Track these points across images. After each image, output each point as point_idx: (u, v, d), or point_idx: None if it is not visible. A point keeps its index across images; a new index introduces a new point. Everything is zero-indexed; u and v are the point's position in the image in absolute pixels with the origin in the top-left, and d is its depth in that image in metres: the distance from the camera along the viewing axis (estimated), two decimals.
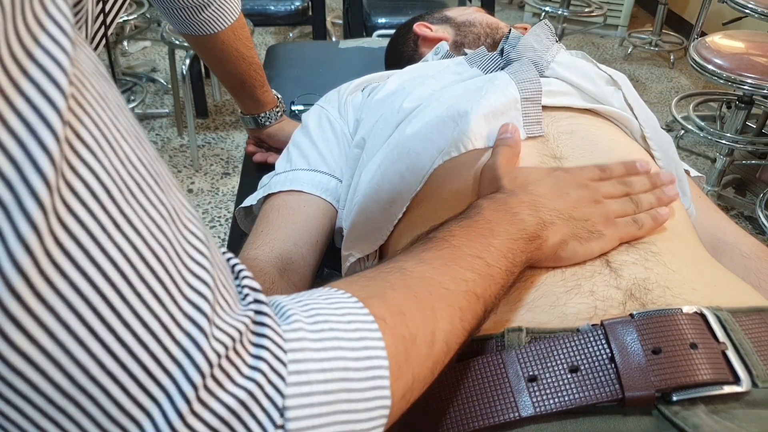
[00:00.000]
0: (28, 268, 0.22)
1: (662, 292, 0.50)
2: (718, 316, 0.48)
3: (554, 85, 0.72)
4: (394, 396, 0.34)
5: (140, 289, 0.26)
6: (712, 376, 0.44)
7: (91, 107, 0.25)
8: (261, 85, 1.00)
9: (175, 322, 0.27)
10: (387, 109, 0.76)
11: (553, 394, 0.44)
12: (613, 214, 0.56)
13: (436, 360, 0.38)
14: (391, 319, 0.35)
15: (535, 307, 0.50)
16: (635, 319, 0.46)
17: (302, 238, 0.74)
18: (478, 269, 0.43)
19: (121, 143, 0.27)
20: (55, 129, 0.23)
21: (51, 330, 0.23)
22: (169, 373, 0.26)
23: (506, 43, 0.80)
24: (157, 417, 0.26)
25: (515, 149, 0.63)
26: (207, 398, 0.27)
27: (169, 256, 0.27)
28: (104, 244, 0.25)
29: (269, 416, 0.29)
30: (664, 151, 0.72)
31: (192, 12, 0.86)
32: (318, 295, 0.35)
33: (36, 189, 0.22)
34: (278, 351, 0.30)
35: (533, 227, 0.49)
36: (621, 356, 0.44)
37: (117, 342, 0.25)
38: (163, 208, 0.28)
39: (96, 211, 0.25)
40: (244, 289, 0.32)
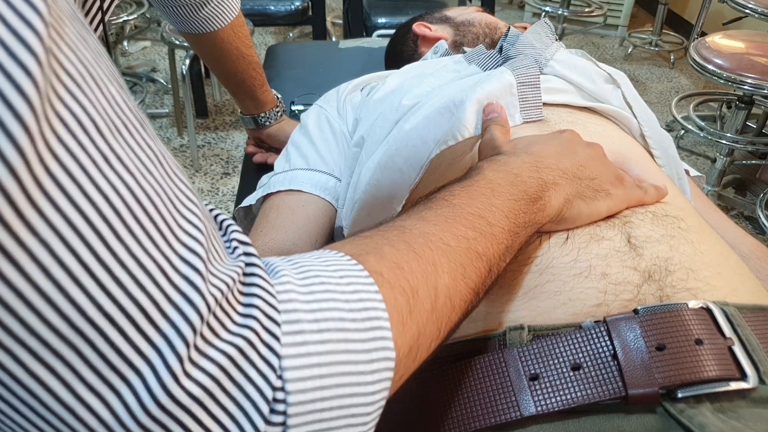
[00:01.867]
0: (16, 195, 0.21)
1: (685, 274, 0.49)
2: (725, 311, 0.47)
3: (553, 82, 0.72)
4: (400, 350, 0.33)
5: (133, 227, 0.25)
6: (718, 373, 0.43)
7: (74, 44, 0.25)
8: (260, 85, 1.00)
9: (170, 264, 0.26)
10: (386, 108, 0.76)
11: (555, 392, 0.43)
12: (620, 175, 0.56)
13: (440, 315, 0.37)
14: (389, 272, 0.34)
15: (540, 293, 0.49)
16: (639, 316, 0.45)
17: (301, 237, 0.74)
18: (480, 227, 0.42)
19: (107, 83, 0.26)
20: (35, 51, 0.22)
21: (43, 264, 0.22)
22: (167, 316, 0.25)
23: (505, 41, 0.80)
24: (157, 363, 0.25)
25: (506, 126, 0.63)
26: (203, 346, 0.26)
27: (160, 197, 0.26)
28: (95, 178, 0.24)
29: (268, 363, 0.28)
30: (664, 150, 0.72)
31: (191, 10, 0.86)
32: (310, 256, 0.35)
33: (19, 111, 0.21)
34: (271, 299, 0.29)
35: (535, 188, 0.48)
36: (624, 353, 0.43)
37: (113, 281, 0.24)
38: (150, 151, 0.27)
39: (85, 142, 0.24)
40: (233, 243, 0.31)
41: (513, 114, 0.67)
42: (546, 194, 0.48)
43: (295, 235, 0.74)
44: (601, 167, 0.55)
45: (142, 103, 2.64)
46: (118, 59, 2.81)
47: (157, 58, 3.06)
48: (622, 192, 0.54)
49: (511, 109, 0.67)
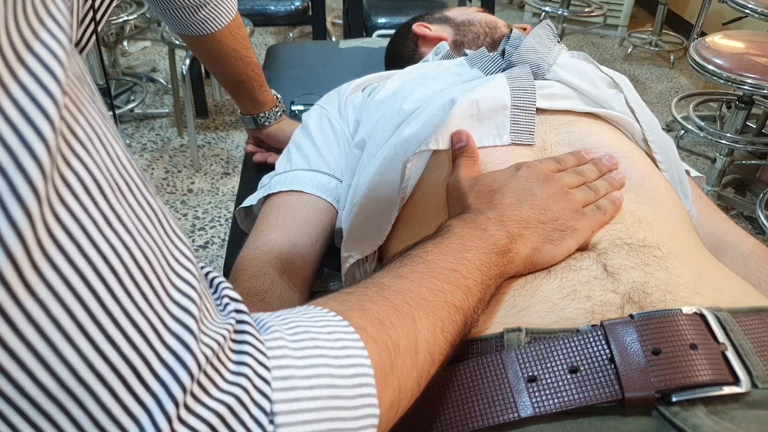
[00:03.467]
0: (20, 257, 0.22)
1: (663, 296, 0.50)
2: (718, 317, 0.47)
3: (555, 88, 0.72)
4: (382, 405, 0.33)
5: (129, 286, 0.25)
6: (711, 377, 0.44)
7: (84, 106, 0.25)
8: (259, 85, 1.00)
9: (163, 324, 0.26)
10: (387, 111, 0.76)
11: (553, 394, 0.44)
12: (580, 204, 0.57)
13: (420, 370, 0.38)
14: (372, 328, 0.35)
15: (533, 313, 0.50)
16: (635, 320, 0.46)
17: (302, 238, 0.74)
18: (455, 281, 0.44)
19: (112, 143, 0.27)
20: (52, 118, 0.22)
21: (39, 325, 0.23)
22: (158, 376, 0.26)
23: (507, 44, 0.80)
24: (145, 423, 0.25)
25: (474, 157, 0.64)
26: (193, 404, 0.26)
27: (156, 257, 0.27)
28: (96, 239, 0.24)
29: (258, 422, 0.28)
30: (666, 154, 0.72)
31: (188, 12, 0.86)
32: (297, 312, 0.35)
33: (32, 177, 0.22)
34: (261, 357, 0.29)
35: (503, 241, 0.50)
36: (621, 357, 0.44)
37: (106, 341, 0.24)
38: (150, 210, 0.28)
39: (88, 205, 0.24)
40: (224, 299, 0.32)
41: (501, 134, 0.68)
42: (514, 246, 0.51)
43: (296, 236, 0.74)
44: (561, 204, 0.56)
45: (142, 103, 2.64)
46: (118, 59, 2.81)
47: (157, 58, 3.06)
48: (585, 223, 0.56)
49: (500, 129, 0.68)
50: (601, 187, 0.60)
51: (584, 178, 0.61)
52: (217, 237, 1.97)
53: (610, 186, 0.61)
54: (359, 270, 0.73)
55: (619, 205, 0.59)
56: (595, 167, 0.63)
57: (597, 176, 0.62)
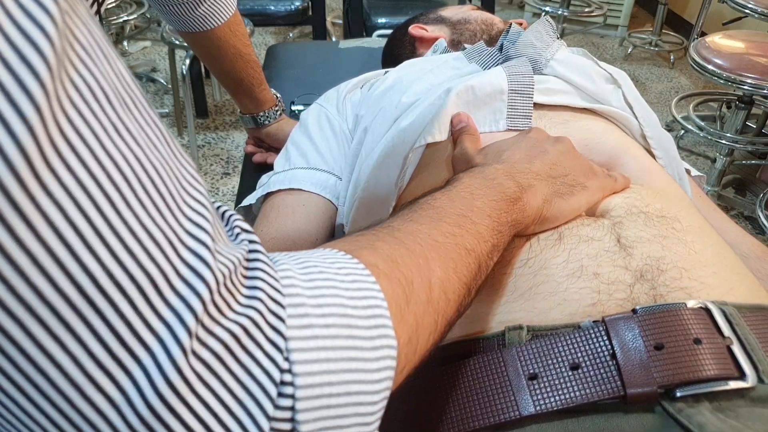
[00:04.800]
0: (32, 153, 0.21)
1: (678, 273, 0.49)
2: (724, 311, 0.47)
3: (553, 83, 0.72)
4: (400, 339, 0.32)
5: (143, 197, 0.24)
6: (716, 372, 0.43)
7: (84, 17, 0.25)
8: (259, 84, 1.00)
9: (178, 238, 0.25)
10: (386, 104, 0.76)
11: (554, 392, 0.43)
12: (591, 165, 0.57)
13: (437, 308, 0.37)
14: (384, 265, 0.35)
15: (535, 294, 0.50)
16: (637, 315, 0.45)
17: (302, 236, 0.74)
18: (464, 225, 0.43)
19: (114, 58, 0.26)
20: (52, 14, 0.22)
21: (57, 226, 0.21)
22: (177, 290, 0.24)
23: (506, 38, 0.80)
24: (167, 340, 0.24)
25: (476, 134, 0.64)
26: (210, 324, 0.25)
27: (167, 172, 0.26)
28: (107, 145, 0.23)
29: (273, 344, 0.27)
30: (665, 150, 0.72)
31: (187, 8, 0.86)
32: (305, 252, 0.34)
33: (37, 69, 0.21)
34: (274, 282, 0.29)
35: (512, 190, 0.49)
36: (622, 353, 0.43)
37: (125, 250, 0.23)
38: (157, 128, 0.27)
39: (96, 109, 0.23)
40: (235, 229, 0.31)
41: (498, 120, 0.68)
42: (524, 196, 0.50)
43: (296, 234, 0.74)
44: (572, 161, 0.56)
45: None
46: None
47: (157, 58, 3.06)
48: (596, 183, 0.56)
49: (497, 114, 0.68)
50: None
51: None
52: None
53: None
54: None
55: (629, 183, 0.59)
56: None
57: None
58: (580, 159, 0.57)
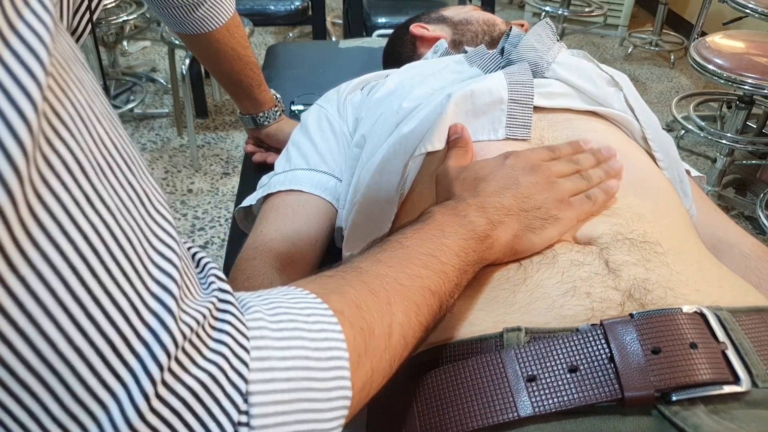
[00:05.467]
0: (2, 235, 0.22)
1: (663, 293, 0.50)
2: (718, 316, 0.47)
3: (554, 86, 0.72)
4: (355, 387, 0.34)
5: (109, 265, 0.26)
6: (711, 376, 0.44)
7: (69, 88, 0.26)
8: (258, 85, 1.00)
9: (142, 302, 0.27)
10: (386, 109, 0.76)
11: (552, 394, 0.44)
12: (567, 193, 0.57)
13: (393, 353, 0.39)
14: (349, 312, 0.36)
15: (532, 310, 0.50)
16: (635, 319, 0.46)
17: (302, 238, 0.74)
18: (432, 266, 0.45)
19: (96, 125, 0.27)
20: (34, 100, 0.23)
21: (20, 300, 0.23)
22: (136, 352, 0.26)
23: (507, 42, 0.80)
24: (123, 398, 0.26)
25: (466, 148, 0.64)
26: (171, 381, 0.27)
27: (136, 236, 0.27)
28: (77, 218, 0.25)
29: (232, 401, 0.29)
30: (665, 152, 0.72)
31: (185, 11, 0.86)
32: (278, 292, 0.36)
33: (13, 156, 0.22)
34: (240, 337, 0.30)
35: (483, 227, 0.50)
36: (620, 356, 0.44)
37: (86, 317, 0.25)
38: (132, 190, 0.28)
39: (70, 185, 0.25)
40: (210, 278, 0.32)
41: (497, 129, 0.68)
42: (494, 232, 0.51)
43: (296, 236, 0.74)
44: (545, 193, 0.56)
45: (142, 103, 2.64)
46: (118, 59, 2.81)
47: (157, 58, 3.06)
48: (569, 213, 0.56)
49: (496, 124, 0.68)
50: (595, 176, 0.60)
51: (578, 167, 0.61)
52: (216, 237, 1.97)
53: (605, 174, 0.61)
54: None
55: (612, 194, 0.59)
56: (593, 156, 0.63)
57: (593, 165, 0.62)
58: (553, 190, 0.57)
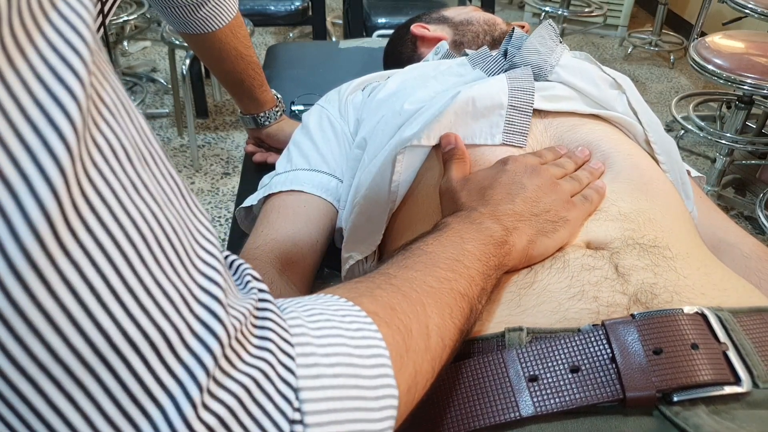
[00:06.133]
0: (55, 216, 0.21)
1: (670, 297, 0.50)
2: (719, 317, 0.48)
3: (558, 90, 0.72)
4: (401, 388, 0.33)
5: (158, 255, 0.25)
6: (713, 377, 0.44)
7: (108, 74, 0.25)
8: (260, 85, 1.00)
9: (192, 294, 0.26)
10: (388, 111, 0.76)
11: (554, 394, 0.44)
12: (569, 194, 0.58)
13: (434, 354, 0.38)
14: (384, 313, 0.35)
15: (537, 312, 0.50)
16: (636, 320, 0.46)
17: (302, 238, 0.74)
18: (457, 270, 0.44)
19: (136, 113, 0.26)
20: (81, 77, 0.22)
21: (73, 286, 0.22)
22: (189, 346, 0.25)
23: (510, 44, 0.80)
24: (178, 396, 0.24)
25: (463, 158, 0.65)
26: (221, 377, 0.26)
27: (181, 228, 0.26)
28: (126, 205, 0.24)
29: (284, 397, 0.27)
30: (668, 154, 0.72)
31: (189, 10, 0.86)
32: (308, 299, 0.35)
33: (64, 133, 0.21)
34: (284, 333, 0.29)
35: (499, 233, 0.50)
36: (622, 356, 0.44)
37: (138, 308, 0.23)
38: (173, 182, 0.27)
39: (117, 169, 0.24)
40: (246, 278, 0.31)
41: (494, 134, 0.68)
42: (510, 238, 0.51)
43: (296, 236, 0.74)
44: (551, 194, 0.57)
45: (142, 103, 2.64)
46: (118, 59, 2.81)
47: (157, 58, 3.06)
48: (576, 213, 0.57)
49: (494, 128, 0.68)
50: (583, 177, 0.62)
51: (565, 170, 0.62)
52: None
53: (590, 175, 0.62)
54: (359, 270, 0.73)
55: (603, 194, 0.61)
56: (571, 159, 0.64)
57: (575, 168, 0.64)
58: (557, 191, 0.58)
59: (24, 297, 0.21)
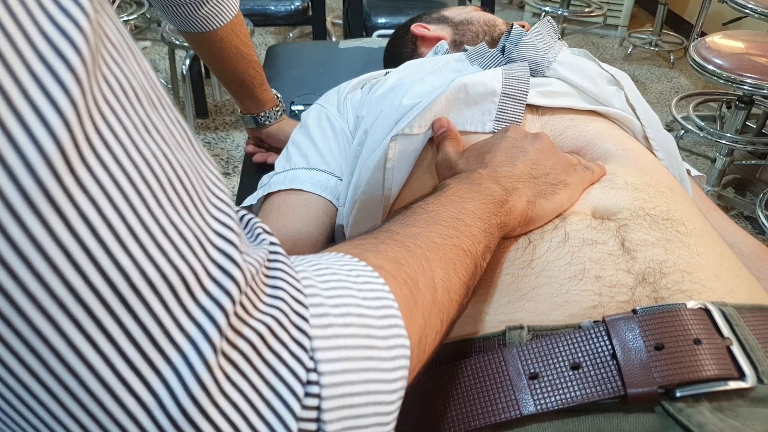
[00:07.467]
0: (68, 149, 0.20)
1: (680, 276, 0.49)
2: (723, 312, 0.47)
3: (555, 85, 0.72)
4: (412, 339, 0.33)
5: (172, 196, 0.24)
6: (716, 372, 0.43)
7: (113, 17, 0.25)
8: (260, 84, 1.00)
9: (207, 238, 0.25)
10: (387, 106, 0.76)
11: (555, 391, 0.44)
12: (570, 160, 0.58)
13: (441, 307, 0.38)
14: (390, 266, 0.35)
15: (537, 296, 0.50)
16: (638, 315, 0.45)
17: (302, 237, 0.74)
18: (459, 227, 0.44)
19: (142, 57, 0.26)
20: (87, 10, 0.21)
21: (91, 223, 0.21)
22: (206, 289, 0.24)
23: (508, 40, 0.80)
24: (197, 337, 0.24)
25: (457, 138, 0.65)
26: (237, 323, 0.25)
27: (193, 172, 0.26)
28: (137, 142, 0.23)
29: (298, 342, 0.27)
30: (666, 151, 0.72)
31: (190, 9, 0.86)
32: (315, 256, 0.35)
33: (73, 64, 0.21)
34: (295, 282, 0.29)
35: (499, 194, 0.50)
36: (623, 353, 0.44)
37: (156, 247, 0.23)
38: (181, 128, 0.27)
39: (128, 108, 0.23)
40: (257, 230, 0.31)
41: (485, 121, 0.68)
42: (510, 198, 0.51)
43: (296, 235, 0.74)
44: (552, 158, 0.57)
45: None
46: None
47: (157, 58, 3.06)
48: (577, 178, 0.57)
49: (485, 116, 0.68)
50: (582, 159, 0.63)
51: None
52: None
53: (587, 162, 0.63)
54: None
55: (604, 170, 0.61)
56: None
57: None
58: (558, 156, 0.58)
59: (41, 230, 0.20)
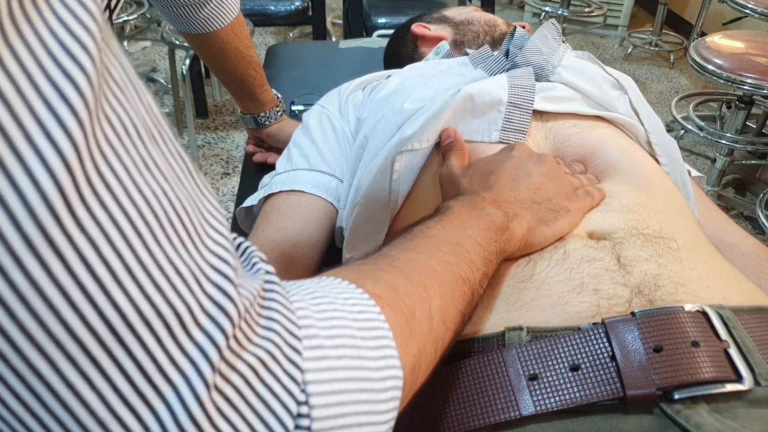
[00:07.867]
0: (68, 190, 0.21)
1: (674, 288, 0.50)
2: (721, 314, 0.47)
3: (559, 90, 0.72)
4: (405, 369, 0.33)
5: (170, 233, 0.25)
6: (714, 374, 0.44)
7: (117, 52, 0.25)
8: (260, 85, 1.00)
9: (203, 273, 0.26)
10: (389, 110, 0.76)
11: (554, 392, 0.44)
12: (572, 185, 0.59)
13: (436, 336, 0.38)
14: (387, 295, 0.35)
15: (536, 307, 0.50)
16: (637, 318, 0.46)
17: (302, 238, 0.74)
18: (459, 254, 0.44)
19: (144, 91, 0.26)
20: (91, 53, 0.22)
21: (89, 262, 0.22)
22: (201, 325, 0.25)
23: (512, 43, 0.80)
24: (190, 374, 0.24)
25: (463, 150, 0.65)
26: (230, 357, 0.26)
27: (192, 207, 0.26)
28: (138, 181, 0.24)
29: (290, 376, 0.27)
30: (669, 155, 0.72)
31: (191, 10, 0.86)
32: (311, 281, 0.35)
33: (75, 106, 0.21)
34: (290, 315, 0.29)
35: (500, 219, 0.50)
36: (622, 354, 0.44)
37: (152, 285, 0.23)
38: (182, 161, 0.27)
39: (129, 146, 0.24)
40: (253, 259, 0.31)
41: (492, 131, 0.68)
42: (511, 225, 0.51)
43: (296, 236, 0.74)
44: (555, 182, 0.57)
45: None
46: None
47: (157, 58, 3.06)
48: (578, 205, 0.57)
49: (492, 125, 0.68)
50: (584, 178, 0.62)
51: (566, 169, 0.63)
52: None
53: (588, 180, 0.63)
54: None
55: (604, 194, 0.61)
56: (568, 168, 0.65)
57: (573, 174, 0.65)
58: (561, 180, 0.58)
59: (41, 272, 0.21)
